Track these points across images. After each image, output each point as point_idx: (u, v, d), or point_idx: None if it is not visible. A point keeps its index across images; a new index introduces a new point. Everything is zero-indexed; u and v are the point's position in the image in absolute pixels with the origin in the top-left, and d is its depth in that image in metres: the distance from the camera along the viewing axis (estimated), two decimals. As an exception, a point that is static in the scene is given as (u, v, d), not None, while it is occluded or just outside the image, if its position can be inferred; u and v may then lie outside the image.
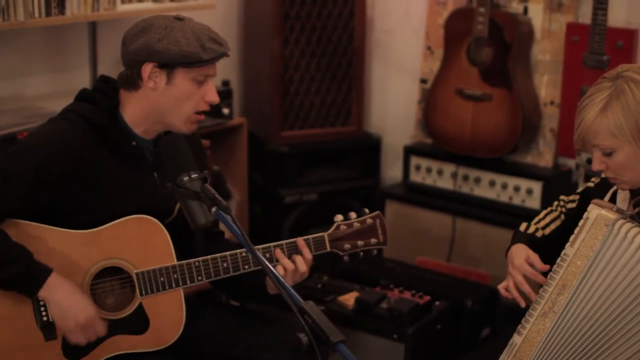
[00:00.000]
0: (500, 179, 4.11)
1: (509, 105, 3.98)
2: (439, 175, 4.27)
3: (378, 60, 4.63)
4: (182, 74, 2.43)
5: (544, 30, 4.02)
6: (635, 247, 2.29)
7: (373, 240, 2.72)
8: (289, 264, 2.57)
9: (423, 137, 4.41)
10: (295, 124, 4.36)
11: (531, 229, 2.63)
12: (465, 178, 4.19)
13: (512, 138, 4.00)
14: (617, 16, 3.81)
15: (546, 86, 4.06)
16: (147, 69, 2.41)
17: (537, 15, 4.03)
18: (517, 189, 4.05)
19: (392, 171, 4.64)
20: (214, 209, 2.16)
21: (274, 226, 4.32)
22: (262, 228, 4.35)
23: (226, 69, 4.42)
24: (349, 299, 3.30)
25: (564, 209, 2.66)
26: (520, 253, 2.54)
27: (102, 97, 2.50)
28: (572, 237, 2.42)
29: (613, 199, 2.49)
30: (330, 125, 4.43)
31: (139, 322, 2.49)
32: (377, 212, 2.75)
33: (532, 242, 2.57)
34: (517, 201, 4.06)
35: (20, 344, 2.40)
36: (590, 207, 2.40)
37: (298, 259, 2.58)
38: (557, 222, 2.64)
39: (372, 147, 4.54)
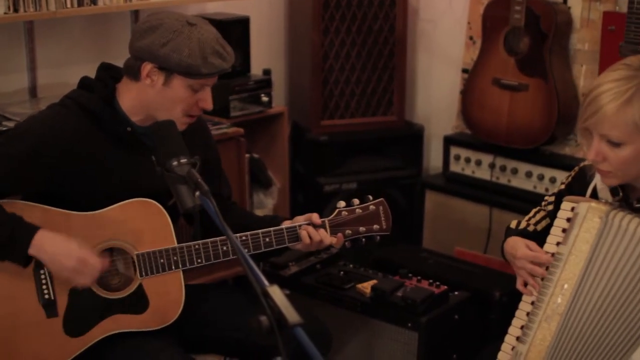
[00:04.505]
0: (537, 170, 4.06)
1: (545, 95, 3.92)
2: (478, 166, 4.24)
3: (423, 50, 4.61)
4: (180, 81, 2.50)
5: (583, 19, 3.95)
6: (631, 233, 2.26)
7: (375, 227, 2.74)
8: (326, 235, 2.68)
9: (465, 127, 4.39)
10: (335, 113, 4.38)
11: (522, 225, 2.61)
12: (503, 169, 4.15)
13: (547, 128, 3.94)
14: (655, 5, 3.72)
15: (585, 76, 3.99)
16: (147, 67, 2.49)
17: (576, 4, 3.96)
18: (553, 180, 3.99)
19: (435, 161, 4.63)
20: (197, 193, 2.20)
21: (314, 214, 4.35)
22: (303, 215, 4.38)
23: (271, 58, 4.47)
24: (367, 287, 3.31)
25: (546, 210, 2.63)
26: (519, 244, 2.52)
27: (100, 85, 2.58)
28: (557, 234, 2.38)
29: (594, 196, 2.44)
30: (371, 115, 4.44)
31: (139, 302, 2.56)
32: (381, 199, 2.77)
33: (524, 236, 2.55)
34: (553, 193, 4.00)
35: (22, 321, 2.49)
36: (574, 203, 2.37)
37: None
38: (548, 220, 2.61)
39: (413, 136, 4.52)
